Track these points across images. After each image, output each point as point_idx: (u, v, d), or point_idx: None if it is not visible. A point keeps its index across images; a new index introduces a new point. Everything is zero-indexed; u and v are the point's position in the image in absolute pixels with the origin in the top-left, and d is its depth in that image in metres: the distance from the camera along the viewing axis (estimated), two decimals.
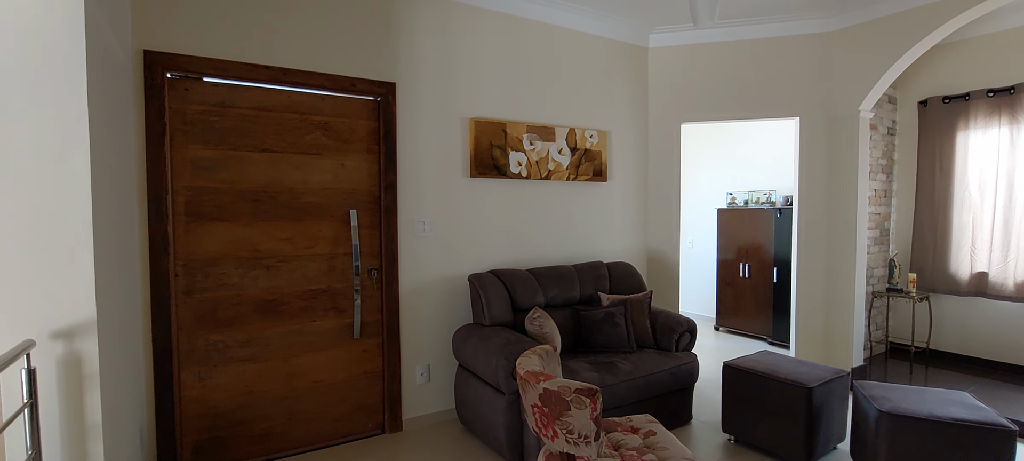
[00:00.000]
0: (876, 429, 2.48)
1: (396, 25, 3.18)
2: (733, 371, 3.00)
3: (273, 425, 2.91)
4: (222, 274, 2.76)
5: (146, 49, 2.51)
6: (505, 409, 2.70)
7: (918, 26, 3.54)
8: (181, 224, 2.66)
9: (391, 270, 3.18)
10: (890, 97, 4.67)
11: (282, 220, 2.90)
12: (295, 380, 2.97)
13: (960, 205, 4.36)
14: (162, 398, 2.61)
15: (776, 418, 2.80)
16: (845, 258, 3.98)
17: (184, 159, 2.65)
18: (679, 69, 4.24)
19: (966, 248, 4.32)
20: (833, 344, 4.07)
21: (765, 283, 5.26)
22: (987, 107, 4.20)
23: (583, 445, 1.80)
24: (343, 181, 3.07)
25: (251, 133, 2.81)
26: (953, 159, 4.39)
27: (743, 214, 5.52)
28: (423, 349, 3.34)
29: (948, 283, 4.43)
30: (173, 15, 2.57)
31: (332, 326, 3.06)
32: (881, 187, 4.65)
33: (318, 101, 2.98)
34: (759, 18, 3.95)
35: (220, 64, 2.68)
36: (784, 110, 4.09)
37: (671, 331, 3.33)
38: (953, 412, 2.39)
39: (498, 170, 3.51)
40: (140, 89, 2.52)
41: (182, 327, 2.68)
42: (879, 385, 2.74)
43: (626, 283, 3.69)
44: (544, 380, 1.85)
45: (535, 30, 3.70)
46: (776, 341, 5.13)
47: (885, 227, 4.72)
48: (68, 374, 1.71)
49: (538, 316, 2.99)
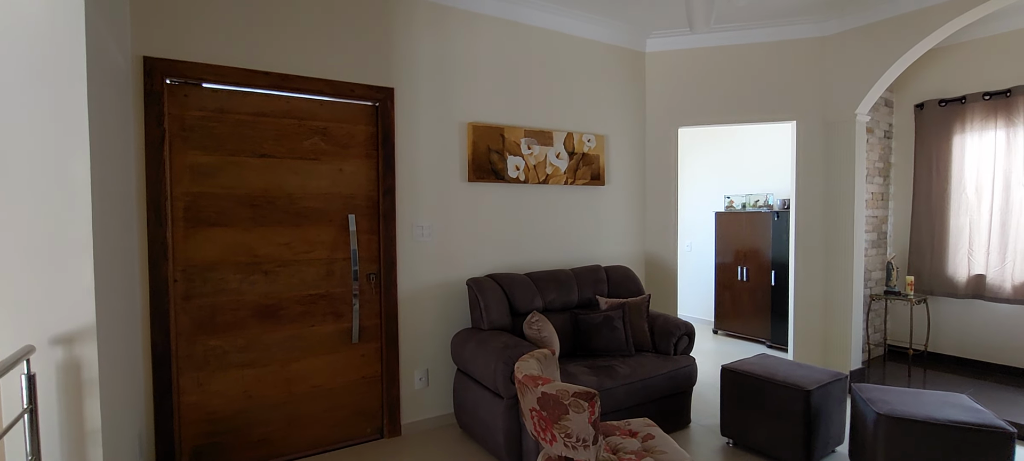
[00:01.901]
0: (874, 432, 2.48)
1: (394, 30, 3.19)
2: (731, 374, 3.01)
3: (272, 430, 2.91)
4: (221, 279, 2.77)
5: (146, 55, 2.53)
6: (504, 413, 2.71)
7: (914, 30, 3.56)
8: (180, 229, 2.66)
9: (390, 275, 3.19)
10: (886, 100, 4.70)
11: (281, 225, 2.90)
12: (294, 385, 2.97)
13: (957, 208, 4.37)
14: (161, 403, 2.61)
15: (775, 421, 2.80)
16: (843, 261, 3.99)
17: (183, 165, 2.66)
18: (676, 73, 4.26)
19: (963, 251, 4.34)
20: (831, 347, 4.08)
21: (763, 286, 5.27)
22: (983, 110, 4.22)
23: (582, 449, 1.81)
24: (341, 186, 3.08)
25: (250, 138, 2.82)
26: (950, 162, 4.41)
27: (741, 218, 5.53)
28: (422, 354, 3.34)
29: (946, 286, 4.44)
30: (172, 21, 2.59)
31: (331, 331, 3.07)
32: (878, 190, 4.67)
33: (316, 106, 2.99)
34: (755, 23, 3.98)
35: (219, 70, 2.69)
36: (781, 114, 4.11)
37: (669, 334, 3.34)
38: (951, 414, 2.40)
39: (496, 174, 3.53)
40: (140, 95, 2.53)
41: (181, 332, 2.69)
42: (877, 388, 2.75)
43: (624, 287, 3.70)
44: (542, 384, 1.86)
45: (532, 35, 3.72)
46: (774, 344, 5.14)
47: (883, 230, 4.74)
48: (68, 380, 1.71)
49: (536, 320, 3.00)
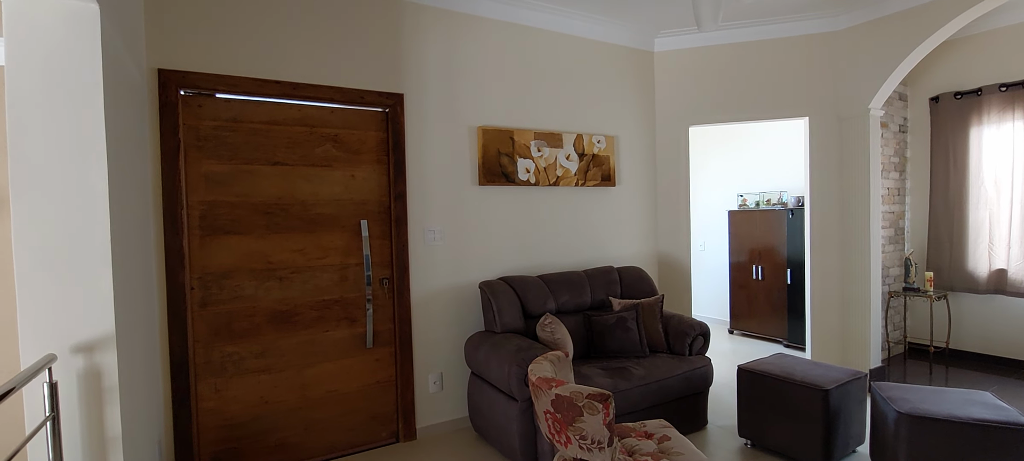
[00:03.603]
0: (896, 431, 2.44)
1: (402, 37, 3.21)
2: (748, 374, 2.97)
3: (288, 435, 2.94)
4: (236, 286, 2.80)
5: (160, 68, 2.57)
6: (518, 416, 2.70)
7: (927, 22, 3.50)
8: (196, 238, 2.70)
9: (402, 279, 3.20)
10: (900, 94, 4.63)
11: (294, 232, 2.93)
12: (309, 390, 2.99)
13: (976, 201, 4.29)
14: (179, 410, 2.64)
15: (793, 421, 2.76)
16: (860, 258, 3.93)
17: (198, 174, 2.70)
18: (685, 72, 4.24)
19: (984, 245, 4.26)
20: (850, 345, 4.01)
21: (779, 285, 5.21)
22: (1000, 102, 4.15)
23: (597, 451, 1.80)
24: (353, 192, 3.10)
25: (263, 147, 2.85)
26: (967, 155, 4.33)
27: (754, 216, 5.48)
28: (435, 357, 3.35)
29: (966, 281, 4.35)
30: (186, 34, 2.63)
31: (345, 336, 3.09)
32: (894, 185, 4.60)
33: (328, 114, 3.02)
34: (764, 19, 3.94)
35: (232, 80, 2.73)
36: (792, 110, 4.07)
37: (684, 335, 3.31)
38: (975, 412, 2.34)
39: (506, 177, 3.53)
40: (155, 106, 2.57)
41: (198, 339, 2.72)
42: (898, 386, 2.70)
43: (637, 288, 3.68)
44: (556, 386, 1.85)
45: (540, 38, 3.73)
46: (791, 343, 5.07)
47: (900, 226, 4.66)
48: (89, 387, 1.74)
49: (549, 322, 2.99)
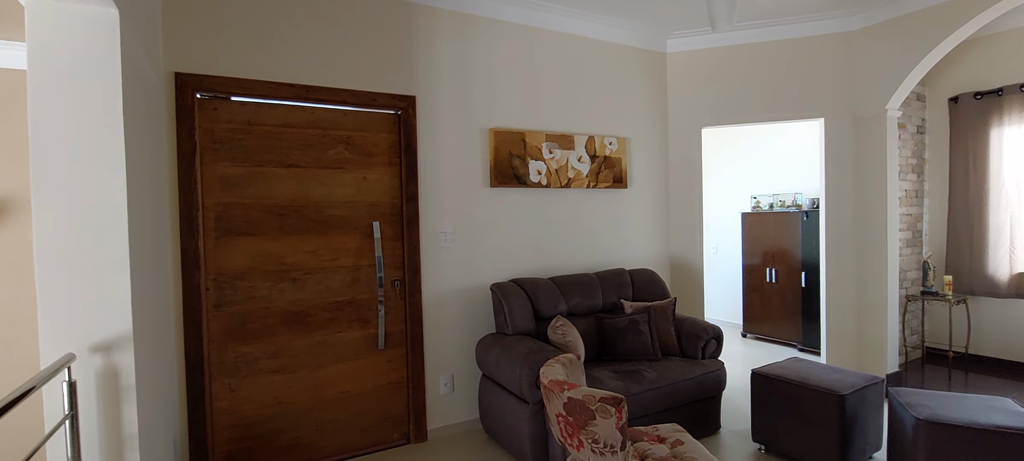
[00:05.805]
0: (914, 438, 2.39)
1: (415, 39, 3.23)
2: (762, 379, 2.94)
3: (301, 436, 2.96)
4: (250, 287, 2.83)
5: (177, 71, 2.61)
6: (529, 419, 2.70)
7: (946, 21, 3.44)
8: (211, 239, 2.73)
9: (414, 281, 3.21)
10: (918, 95, 4.55)
11: (307, 233, 2.96)
12: (322, 391, 3.01)
13: (996, 204, 4.21)
14: (195, 409, 2.67)
15: (808, 427, 2.72)
16: (876, 261, 3.87)
17: (213, 176, 2.73)
18: (698, 73, 4.21)
19: (1004, 248, 4.17)
20: (866, 350, 3.95)
21: (793, 288, 5.15)
22: (1022, 102, 4.06)
23: (609, 455, 1.79)
24: (366, 194, 3.12)
25: (277, 149, 2.88)
26: (987, 157, 4.25)
27: (768, 218, 5.42)
28: (447, 359, 3.35)
29: (986, 285, 4.27)
30: (202, 38, 2.67)
31: (357, 337, 3.10)
32: (912, 187, 4.52)
33: (340, 116, 3.05)
34: (779, 19, 3.90)
35: (246, 83, 2.76)
36: (807, 112, 4.02)
37: (697, 338, 3.28)
38: (995, 419, 2.29)
39: (518, 179, 3.53)
40: (172, 110, 2.61)
41: (213, 339, 2.75)
42: (916, 392, 2.65)
43: (649, 290, 3.66)
44: (568, 389, 1.84)
45: (552, 39, 3.72)
46: (806, 347, 5.01)
47: (917, 228, 4.58)
48: (106, 386, 1.77)
49: (561, 324, 2.98)
